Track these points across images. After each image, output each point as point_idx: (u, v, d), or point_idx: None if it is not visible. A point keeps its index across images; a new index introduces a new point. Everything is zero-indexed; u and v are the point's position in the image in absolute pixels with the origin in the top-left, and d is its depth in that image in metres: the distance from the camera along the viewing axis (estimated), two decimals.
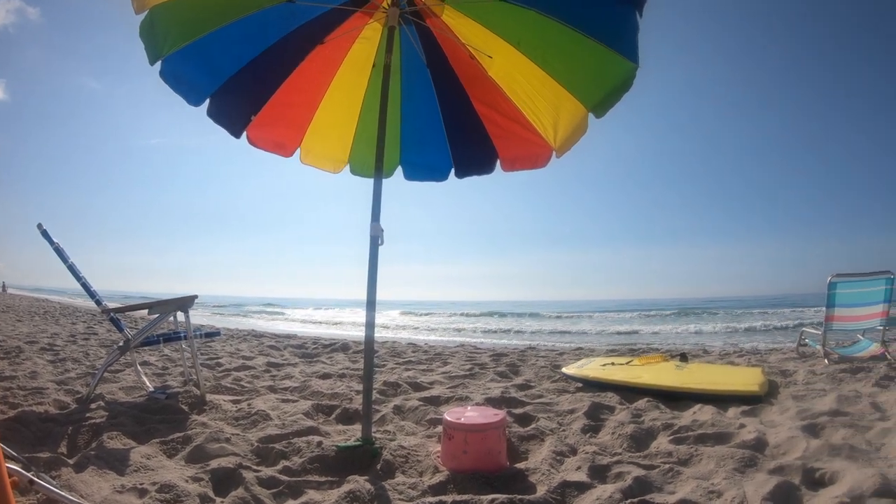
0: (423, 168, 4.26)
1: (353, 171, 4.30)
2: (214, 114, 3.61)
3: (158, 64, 3.23)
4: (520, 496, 2.36)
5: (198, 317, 25.51)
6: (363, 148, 4.18)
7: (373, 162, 3.31)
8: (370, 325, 3.09)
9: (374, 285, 3.08)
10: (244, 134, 3.83)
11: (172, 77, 3.33)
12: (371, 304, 3.07)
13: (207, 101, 3.56)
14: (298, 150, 4.10)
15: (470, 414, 2.87)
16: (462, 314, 35.77)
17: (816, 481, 2.59)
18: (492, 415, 2.86)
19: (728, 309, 33.84)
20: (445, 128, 4.07)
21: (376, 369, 6.30)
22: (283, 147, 4.06)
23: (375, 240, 3.09)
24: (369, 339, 3.09)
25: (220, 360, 6.61)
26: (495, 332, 22.17)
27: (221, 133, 3.74)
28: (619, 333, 18.49)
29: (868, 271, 6.55)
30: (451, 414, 2.88)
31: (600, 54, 3.10)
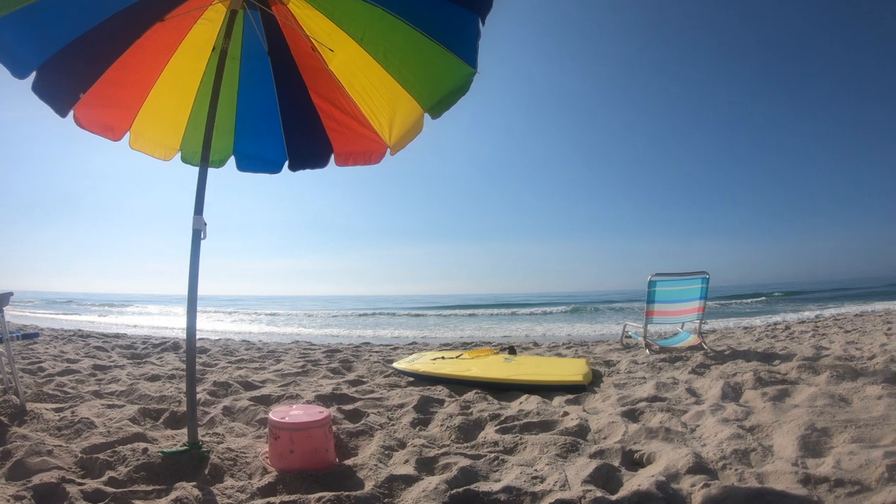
0: (257, 159, 4.10)
1: (184, 160, 4.05)
2: (40, 89, 3.23)
3: None
4: (347, 493, 2.35)
5: (17, 316, 23.05)
6: (196, 135, 3.94)
7: None
8: (192, 325, 2.93)
9: (196, 281, 2.93)
10: (71, 113, 3.45)
11: None
12: (192, 302, 2.91)
13: (34, 74, 3.18)
14: (128, 133, 3.78)
15: (295, 413, 2.83)
16: (301, 311, 34.81)
17: (635, 462, 2.81)
18: (316, 413, 2.83)
19: (569, 304, 35.62)
20: (282, 119, 3.94)
21: (208, 369, 6.10)
22: (112, 130, 3.72)
23: (198, 234, 2.93)
24: (191, 340, 2.94)
25: (42, 365, 6.03)
26: (332, 327, 21.61)
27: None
28: (460, 329, 18.79)
29: (686, 271, 7.21)
30: (276, 413, 2.82)
31: (441, 57, 3.14)
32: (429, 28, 3.10)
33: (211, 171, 3.94)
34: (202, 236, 2.95)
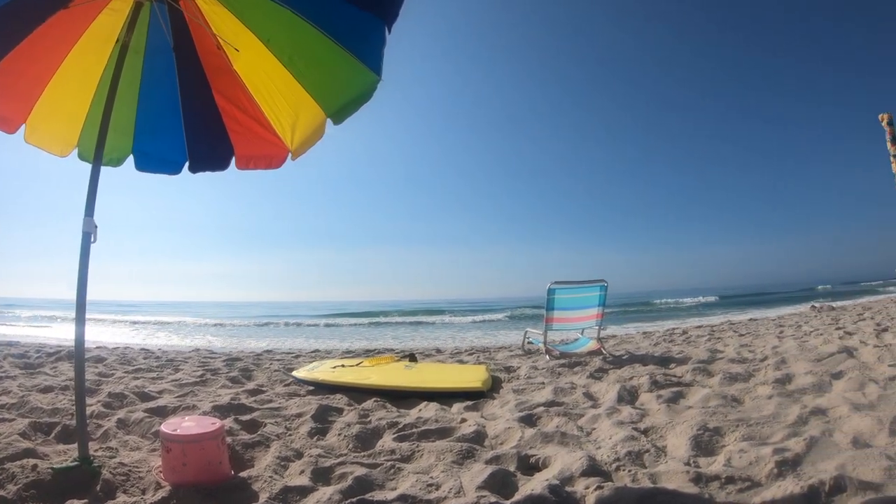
0: (156, 159, 3.93)
1: (81, 157, 3.85)
2: None
3: None
4: None
5: None
6: (95, 132, 3.75)
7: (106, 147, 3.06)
8: (80, 333, 2.80)
9: (85, 287, 2.80)
10: None
11: None
12: (81, 309, 2.78)
13: None
14: (24, 126, 3.56)
15: (187, 424, 2.75)
16: (205, 318, 32.48)
17: (531, 466, 2.86)
18: (209, 424, 2.76)
19: (478, 311, 35.83)
20: (183, 119, 3.81)
21: (104, 379, 5.84)
22: (7, 122, 3.49)
23: (88, 236, 2.80)
24: (79, 349, 2.82)
25: None
26: (236, 335, 20.58)
27: None
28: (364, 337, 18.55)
29: (585, 279, 7.46)
30: (167, 425, 2.74)
31: (346, 63, 3.12)
32: (336, 33, 3.07)
33: (112, 170, 3.81)
34: (92, 239, 2.82)
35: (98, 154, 2.94)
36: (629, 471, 2.67)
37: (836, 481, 2.29)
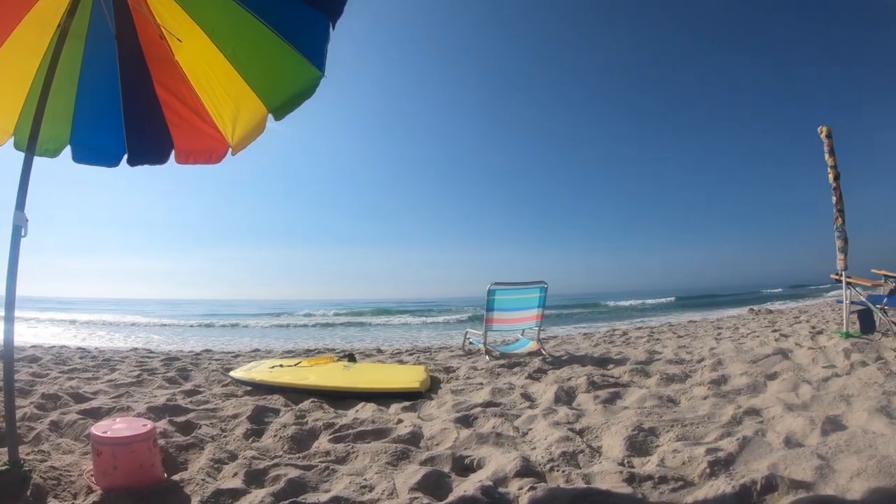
0: (95, 151, 3.82)
1: (17, 146, 3.71)
2: None
3: None
4: None
5: None
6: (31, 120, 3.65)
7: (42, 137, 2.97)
8: (9, 332, 2.72)
9: (14, 283, 2.72)
10: None
11: None
12: (10, 306, 2.69)
13: None
14: None
15: (117, 426, 2.69)
16: (146, 317, 31.06)
17: (465, 467, 2.87)
18: (140, 426, 2.71)
19: (430, 311, 35.69)
20: (123, 109, 3.71)
21: (37, 379, 5.63)
22: None
23: (18, 230, 2.72)
24: (8, 348, 2.74)
25: None
26: (176, 334, 19.89)
27: None
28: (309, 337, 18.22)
29: (525, 281, 7.54)
30: (98, 428, 2.67)
31: (290, 58, 3.11)
32: (280, 27, 3.06)
33: (48, 162, 3.69)
34: (23, 234, 2.74)
35: (31, 144, 2.85)
36: (563, 471, 2.71)
37: (768, 480, 2.36)
